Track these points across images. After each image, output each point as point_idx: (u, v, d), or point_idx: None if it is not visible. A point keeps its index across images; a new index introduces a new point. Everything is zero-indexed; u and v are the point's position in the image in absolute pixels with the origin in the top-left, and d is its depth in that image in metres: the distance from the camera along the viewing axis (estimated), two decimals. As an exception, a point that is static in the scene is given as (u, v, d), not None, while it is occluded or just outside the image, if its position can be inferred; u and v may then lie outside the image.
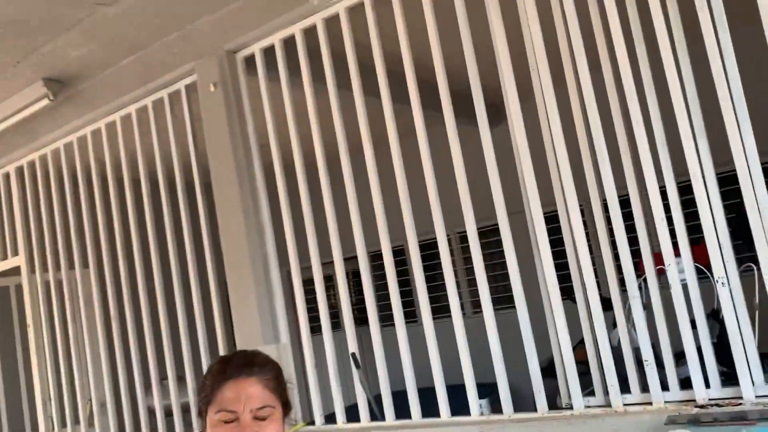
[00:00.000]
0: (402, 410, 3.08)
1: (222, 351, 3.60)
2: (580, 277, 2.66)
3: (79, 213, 4.28)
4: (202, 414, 1.46)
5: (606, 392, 2.59)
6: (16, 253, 4.59)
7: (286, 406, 1.50)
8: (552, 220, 2.79)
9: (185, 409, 3.80)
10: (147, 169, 4.01)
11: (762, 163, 2.34)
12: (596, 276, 2.68)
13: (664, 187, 2.50)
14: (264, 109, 3.51)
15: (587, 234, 2.72)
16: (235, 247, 3.54)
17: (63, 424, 4.36)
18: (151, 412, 3.98)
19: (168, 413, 3.88)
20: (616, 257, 2.63)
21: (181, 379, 3.86)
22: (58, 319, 4.37)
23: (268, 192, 3.60)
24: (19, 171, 4.60)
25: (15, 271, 4.65)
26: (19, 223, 4.55)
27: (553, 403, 2.78)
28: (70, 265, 4.37)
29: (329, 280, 3.55)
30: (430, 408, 3.01)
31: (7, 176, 4.68)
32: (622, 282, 2.63)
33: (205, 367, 3.60)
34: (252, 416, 1.39)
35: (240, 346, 3.49)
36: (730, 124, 2.35)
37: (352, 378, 3.33)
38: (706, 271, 2.67)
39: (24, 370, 5.03)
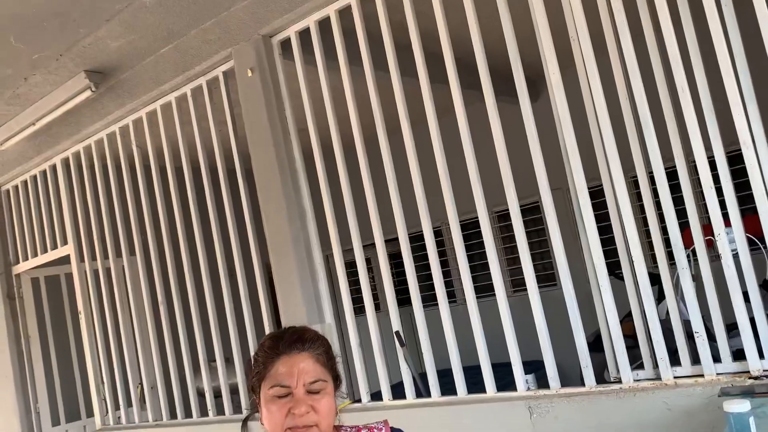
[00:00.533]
0: (447, 388, 3.09)
1: (267, 328, 3.67)
2: (627, 251, 2.62)
3: (124, 202, 4.38)
4: (255, 390, 1.48)
5: (655, 365, 2.56)
6: (65, 242, 4.72)
7: (337, 380, 1.51)
8: (595, 196, 2.75)
9: (233, 390, 3.88)
10: (188, 157, 4.07)
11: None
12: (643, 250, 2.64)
13: (713, 156, 2.43)
14: (301, 93, 3.53)
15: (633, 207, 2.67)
16: (277, 230, 3.58)
17: (116, 407, 4.50)
18: (200, 394, 4.07)
19: (217, 395, 3.97)
20: (664, 230, 2.58)
21: (228, 361, 3.94)
22: (107, 305, 4.49)
23: (308, 175, 3.62)
24: (65, 162, 4.73)
25: (65, 260, 4.79)
26: (67, 214, 4.67)
27: (601, 378, 2.75)
28: (118, 253, 4.48)
29: (369, 263, 3.56)
30: (475, 387, 3.02)
31: (54, 168, 4.80)
32: (670, 255, 2.58)
33: (252, 349, 3.68)
34: (305, 390, 1.40)
35: (285, 326, 3.53)
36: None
37: (396, 357, 3.36)
38: (757, 241, 2.61)
39: (77, 355, 5.19)
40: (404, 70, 3.26)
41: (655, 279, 2.69)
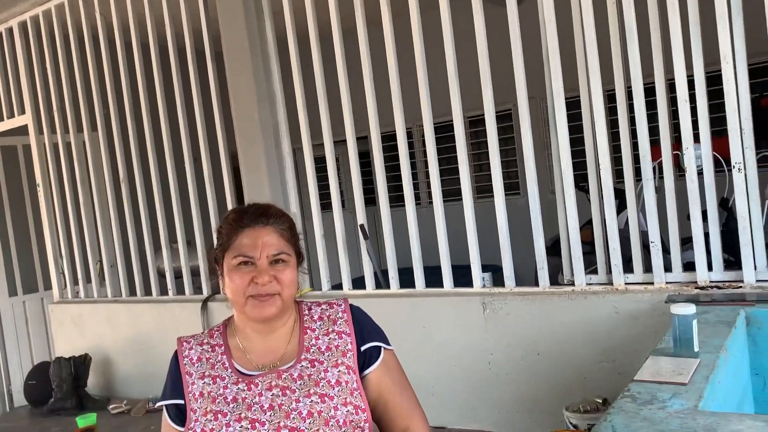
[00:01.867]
0: (406, 284, 3.17)
1: (231, 217, 3.65)
2: (596, 162, 2.65)
3: (87, 75, 4.20)
4: (218, 260, 1.49)
5: (609, 271, 2.65)
6: (23, 111, 4.54)
7: (299, 256, 1.53)
8: (570, 107, 2.74)
9: (194, 272, 3.91)
10: (156, 34, 3.89)
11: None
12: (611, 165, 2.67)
13: (692, 76, 2.43)
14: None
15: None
16: (245, 115, 3.50)
17: (74, 281, 4.50)
18: (160, 274, 4.09)
19: (177, 275, 4.00)
20: (634, 147, 2.61)
21: (190, 243, 3.94)
22: (67, 180, 4.40)
23: (281, 62, 3.51)
24: (23, 26, 4.46)
25: (22, 130, 4.62)
26: (24, 81, 4.47)
27: (555, 281, 2.85)
28: (78, 128, 4.34)
29: (338, 161, 3.52)
30: (434, 284, 3.10)
31: (10, 31, 4.54)
32: (637, 172, 2.62)
33: (215, 233, 3.68)
34: (268, 261, 1.42)
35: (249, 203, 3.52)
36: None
37: (359, 255, 3.40)
38: (722, 160, 2.66)
39: (35, 228, 5.12)
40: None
41: (618, 194, 2.74)
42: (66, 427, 3.33)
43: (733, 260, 2.62)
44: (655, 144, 2.58)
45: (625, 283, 2.60)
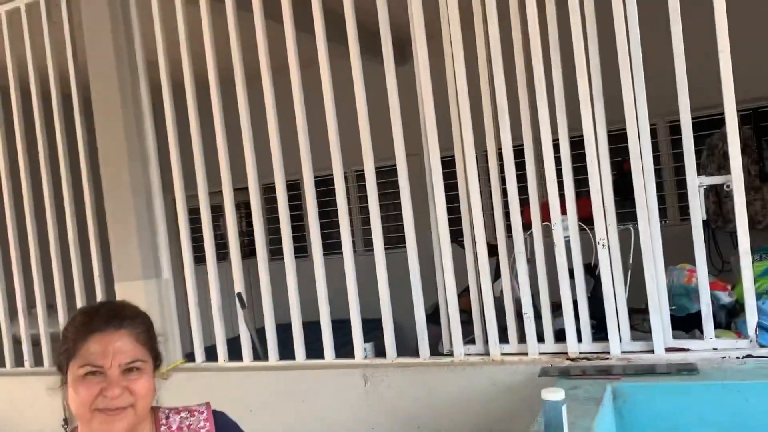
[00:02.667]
0: (287, 344, 3.06)
1: (98, 283, 3.40)
2: (470, 221, 2.69)
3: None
4: (62, 368, 1.34)
5: (486, 341, 2.68)
6: None
7: (157, 360, 1.41)
8: (448, 165, 2.79)
9: (54, 339, 3.59)
10: (17, 77, 3.60)
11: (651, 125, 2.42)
12: (485, 223, 2.73)
13: (557, 140, 2.54)
14: (154, 21, 3.21)
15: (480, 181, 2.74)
16: (115, 174, 3.30)
17: None
18: (16, 341, 3.73)
19: (35, 343, 3.66)
20: (506, 205, 2.68)
21: (51, 307, 3.63)
22: None
23: (154, 114, 3.34)
24: None
25: None
26: None
27: (435, 350, 2.85)
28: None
29: (216, 211, 3.39)
30: (315, 343, 3.00)
31: None
32: (509, 228, 2.69)
33: (79, 297, 3.41)
34: (120, 371, 1.29)
35: (118, 279, 3.31)
36: (626, 88, 2.40)
37: (236, 314, 3.25)
38: (587, 228, 2.79)
39: None
40: (270, 13, 3.07)
41: (493, 250, 2.80)
42: None
43: (601, 325, 2.73)
44: (527, 203, 2.66)
45: (502, 354, 2.63)
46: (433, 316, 2.96)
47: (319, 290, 2.97)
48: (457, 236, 2.91)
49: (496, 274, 2.88)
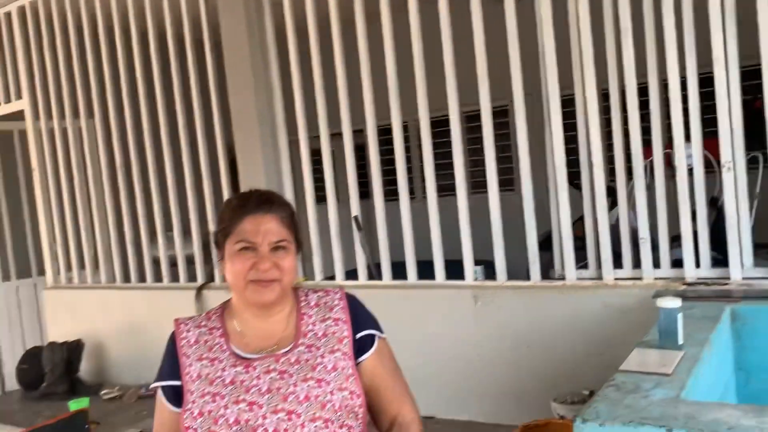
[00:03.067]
0: (399, 277, 3.20)
1: (227, 206, 3.67)
2: (589, 159, 2.68)
3: (84, 62, 4.20)
4: (219, 245, 1.50)
5: (599, 266, 2.69)
6: (19, 96, 4.55)
7: (299, 244, 1.55)
8: (565, 105, 2.78)
9: (189, 261, 3.94)
10: (155, 21, 3.90)
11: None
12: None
13: (685, 77, 2.47)
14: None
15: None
16: (243, 106, 3.53)
17: (68, 268, 4.52)
18: (155, 262, 4.11)
19: (172, 263, 4.02)
20: (626, 146, 2.65)
21: (186, 232, 3.96)
22: (63, 166, 4.41)
23: (279, 54, 3.53)
24: (21, 11, 4.46)
25: (18, 115, 4.63)
26: (22, 67, 4.47)
27: (546, 275, 2.89)
28: (75, 114, 4.34)
29: (333, 155, 3.54)
30: (427, 278, 3.12)
31: (8, 16, 4.53)
32: (628, 172, 2.66)
33: (211, 224, 3.70)
34: (269, 248, 1.44)
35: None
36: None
37: (353, 245, 3.43)
38: (712, 160, 2.71)
39: (29, 213, 5.12)
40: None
41: (609, 191, 2.79)
42: (58, 410, 3.35)
43: (720, 258, 2.67)
44: (647, 143, 2.62)
45: (615, 278, 2.64)
46: (544, 244, 2.99)
47: (431, 218, 3.06)
48: (573, 179, 2.91)
49: (611, 204, 2.87)
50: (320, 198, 3.48)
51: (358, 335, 1.49)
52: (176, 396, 1.44)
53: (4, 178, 5.12)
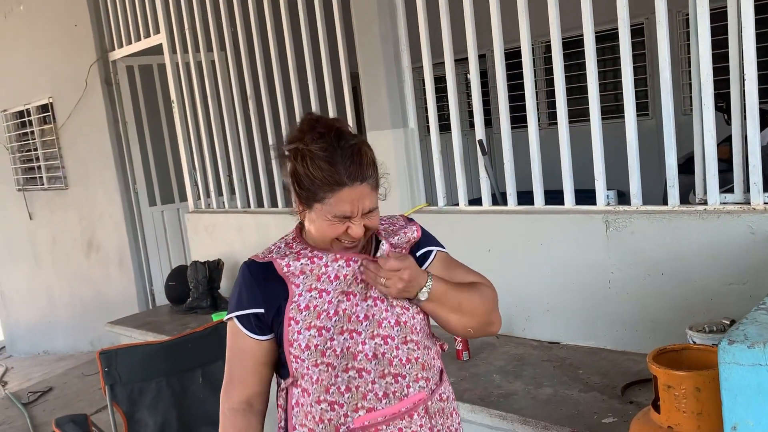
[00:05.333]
0: (525, 204, 3.13)
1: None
2: (740, 70, 2.45)
3: (216, -5, 4.34)
4: (301, 199, 1.43)
5: (746, 190, 2.49)
6: (158, 31, 4.80)
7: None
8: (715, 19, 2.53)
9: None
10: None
11: None
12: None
13: None
14: None
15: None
16: (366, 28, 3.51)
17: (207, 194, 4.83)
18: (285, 188, 4.28)
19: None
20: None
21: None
22: (199, 97, 4.64)
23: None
24: (157, -52, 4.65)
25: (157, 50, 4.90)
26: (158, 2, 4.69)
27: (685, 200, 2.72)
28: (209, 47, 4.53)
29: (440, 82, 3.46)
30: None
31: (145, -46, 4.75)
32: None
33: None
34: (362, 215, 1.41)
35: (369, 127, 3.59)
36: None
37: (476, 174, 3.38)
38: None
39: (170, 143, 5.49)
40: None
41: (762, 114, 2.53)
42: (203, 322, 3.65)
43: None
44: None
45: (764, 203, 2.43)
46: (685, 166, 2.80)
47: (561, 140, 2.95)
48: (717, 102, 2.67)
49: (762, 123, 2.62)
50: (442, 127, 3.45)
51: (418, 253, 1.54)
52: (259, 325, 1.45)
53: (146, 109, 5.48)
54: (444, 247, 1.59)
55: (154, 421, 2.66)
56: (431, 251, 1.56)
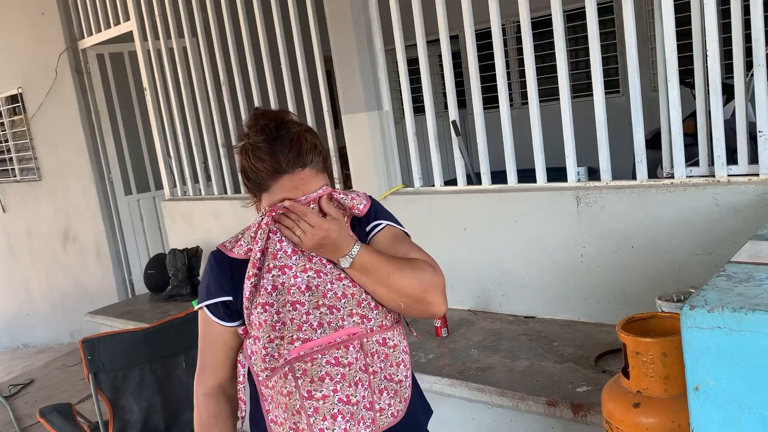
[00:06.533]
0: (499, 183, 3.19)
1: (327, 117, 3.76)
2: (703, 47, 2.51)
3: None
4: (251, 191, 1.50)
5: (711, 163, 2.57)
6: (127, 18, 4.75)
7: (326, 162, 1.53)
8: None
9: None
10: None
11: None
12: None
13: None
14: None
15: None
16: (338, 11, 3.51)
17: (183, 181, 4.82)
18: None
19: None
20: (747, 38, 2.45)
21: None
22: (171, 84, 4.61)
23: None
24: (124, -67, 4.59)
25: (127, 37, 4.85)
26: (128, -11, 4.65)
27: (653, 175, 2.80)
28: (180, 34, 4.50)
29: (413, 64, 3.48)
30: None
31: (112, -61, 4.68)
32: (748, 65, 2.48)
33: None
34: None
35: (343, 110, 3.61)
36: None
37: (451, 155, 3.42)
38: None
39: (144, 131, 5.45)
40: None
41: (725, 89, 2.61)
42: (183, 309, 3.67)
43: None
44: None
45: (728, 175, 2.52)
46: (652, 142, 2.88)
47: (532, 119, 3.00)
48: (684, 78, 2.74)
49: (726, 97, 2.70)
50: (416, 109, 3.49)
51: (368, 227, 1.54)
52: (228, 312, 1.49)
53: (118, 97, 5.43)
54: (402, 227, 1.59)
55: (139, 406, 2.69)
56: (381, 224, 1.56)
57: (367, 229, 1.55)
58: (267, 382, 1.46)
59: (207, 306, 1.51)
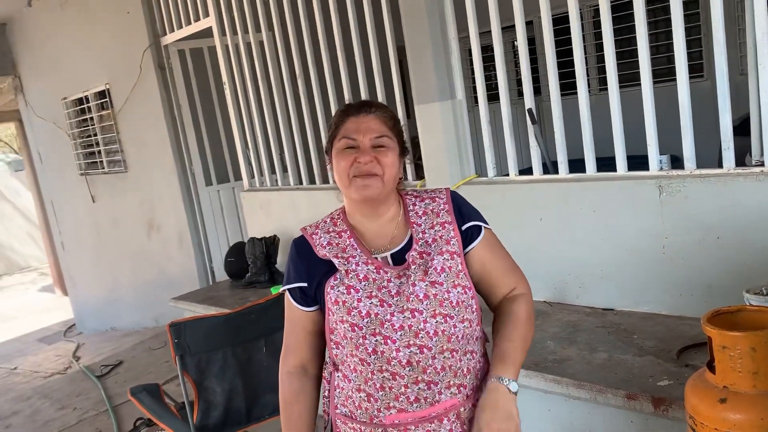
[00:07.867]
0: (576, 171, 3.12)
1: (399, 107, 3.78)
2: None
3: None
4: (327, 151, 1.60)
5: (808, 150, 2.44)
6: (207, 14, 4.91)
7: (403, 149, 1.61)
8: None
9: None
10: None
11: None
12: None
13: None
14: None
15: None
16: (412, 0, 3.52)
17: (261, 173, 4.96)
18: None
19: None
20: None
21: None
22: (249, 78, 4.74)
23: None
24: (204, -68, 4.74)
25: (207, 33, 5.02)
26: (208, -15, 4.80)
27: (741, 163, 2.68)
28: (257, 28, 4.61)
29: (486, 51, 3.44)
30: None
31: (193, -61, 4.84)
32: None
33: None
34: (371, 144, 1.51)
35: (416, 100, 3.62)
36: None
37: (526, 144, 3.37)
38: None
39: (223, 124, 5.63)
40: None
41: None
42: (261, 295, 3.79)
43: None
44: None
45: (824, 163, 2.38)
46: (740, 128, 2.75)
47: (612, 106, 2.92)
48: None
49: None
50: (489, 97, 3.45)
51: (464, 227, 1.57)
52: (304, 297, 1.57)
53: (199, 92, 5.62)
54: (485, 222, 1.63)
55: (222, 388, 2.81)
56: (479, 227, 1.60)
57: (463, 228, 1.58)
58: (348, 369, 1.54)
59: (288, 290, 1.60)
